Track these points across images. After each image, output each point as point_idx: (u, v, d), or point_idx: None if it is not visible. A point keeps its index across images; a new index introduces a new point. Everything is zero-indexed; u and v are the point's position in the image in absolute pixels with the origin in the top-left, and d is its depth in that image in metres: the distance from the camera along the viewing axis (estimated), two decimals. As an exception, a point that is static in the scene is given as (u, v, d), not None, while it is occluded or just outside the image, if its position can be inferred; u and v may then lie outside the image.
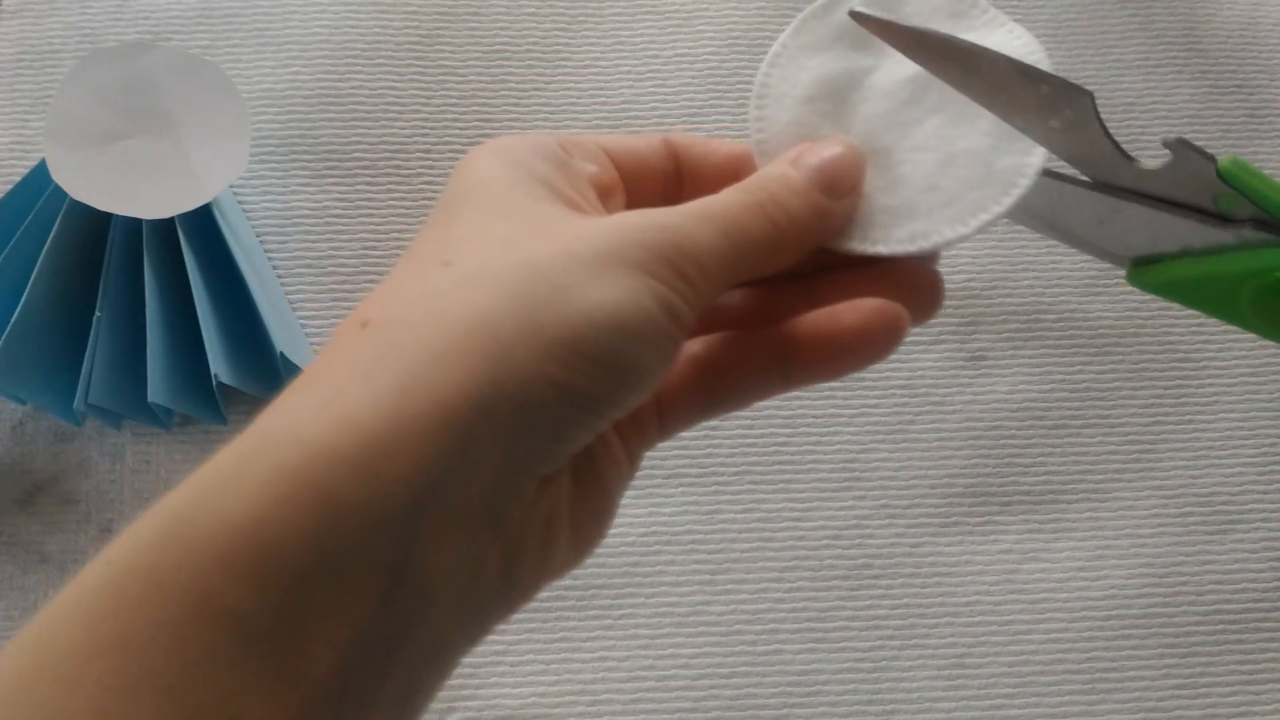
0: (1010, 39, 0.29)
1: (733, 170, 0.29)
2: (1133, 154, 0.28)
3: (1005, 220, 0.29)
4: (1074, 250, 0.48)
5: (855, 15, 0.28)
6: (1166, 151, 0.27)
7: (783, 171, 0.27)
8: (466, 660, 0.44)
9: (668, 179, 0.29)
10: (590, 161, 0.28)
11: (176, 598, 0.19)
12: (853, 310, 0.26)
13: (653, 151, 0.29)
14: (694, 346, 0.27)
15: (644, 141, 0.30)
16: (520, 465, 0.22)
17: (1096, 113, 0.28)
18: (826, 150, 0.28)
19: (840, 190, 0.28)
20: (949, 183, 0.29)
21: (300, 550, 0.20)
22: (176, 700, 0.19)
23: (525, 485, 0.23)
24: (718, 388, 0.27)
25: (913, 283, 0.29)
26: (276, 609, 0.19)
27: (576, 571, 0.46)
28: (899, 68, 0.29)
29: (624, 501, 0.45)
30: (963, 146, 0.29)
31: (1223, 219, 0.27)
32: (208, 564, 0.19)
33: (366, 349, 0.22)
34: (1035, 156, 0.28)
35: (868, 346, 0.26)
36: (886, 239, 0.28)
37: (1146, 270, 0.29)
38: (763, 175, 0.27)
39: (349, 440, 0.20)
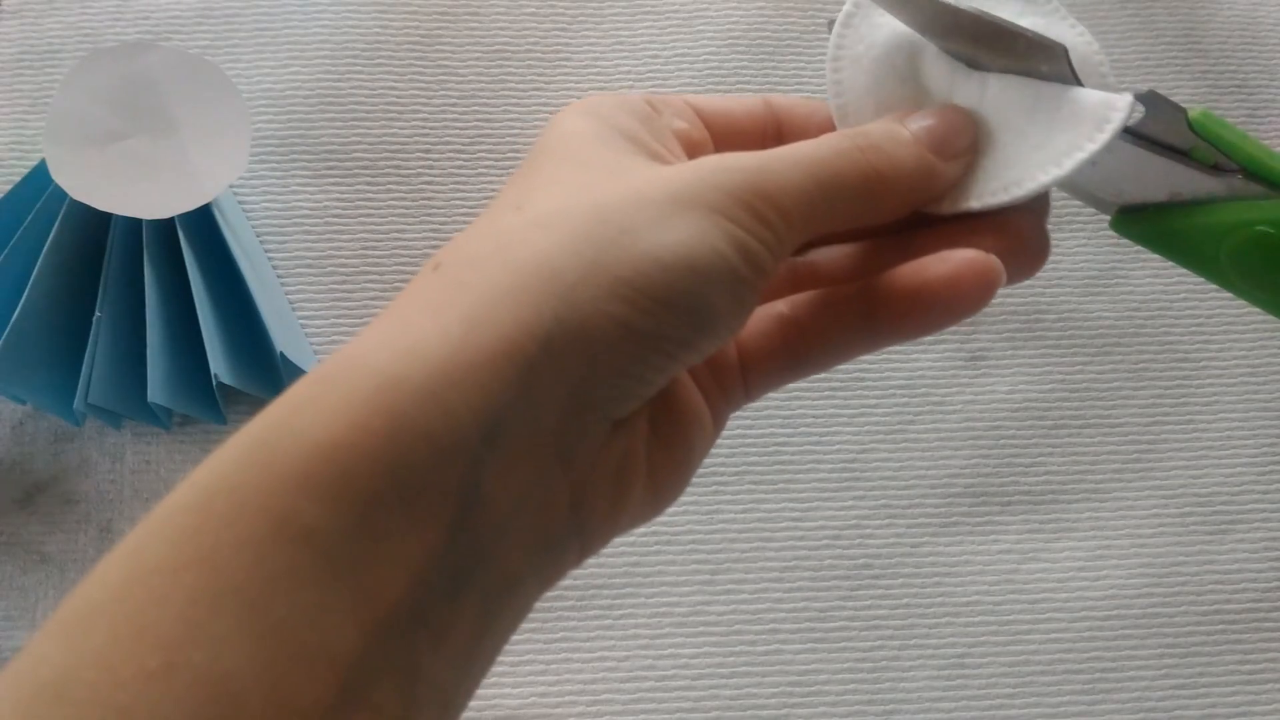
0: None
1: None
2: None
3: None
4: (1072, 250, 0.49)
5: None
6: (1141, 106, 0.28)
7: (889, 125, 0.27)
8: (466, 660, 0.44)
9: (765, 140, 0.29)
10: (679, 118, 0.28)
11: (258, 516, 0.20)
12: (940, 262, 0.26)
13: (747, 112, 0.29)
14: (780, 306, 0.27)
15: (739, 103, 0.29)
16: (587, 403, 0.22)
17: (1072, 67, 0.27)
18: (939, 112, 0.28)
19: (951, 150, 0.27)
20: (1035, 129, 0.28)
21: (372, 474, 0.20)
22: (259, 614, 0.19)
23: (594, 424, 0.23)
24: (803, 348, 0.27)
25: (1014, 233, 0.27)
26: (351, 529, 0.20)
27: (576, 571, 0.46)
28: None
29: (624, 501, 0.45)
30: (1045, 93, 0.28)
31: (1215, 168, 0.27)
32: (286, 484, 0.20)
33: (436, 287, 0.23)
34: (1124, 95, 0.27)
35: (958, 300, 0.26)
36: (979, 194, 0.28)
37: (1131, 219, 0.28)
38: (866, 126, 0.27)
39: (417, 370, 0.21)
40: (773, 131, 0.30)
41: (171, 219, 0.43)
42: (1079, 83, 0.28)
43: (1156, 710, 0.43)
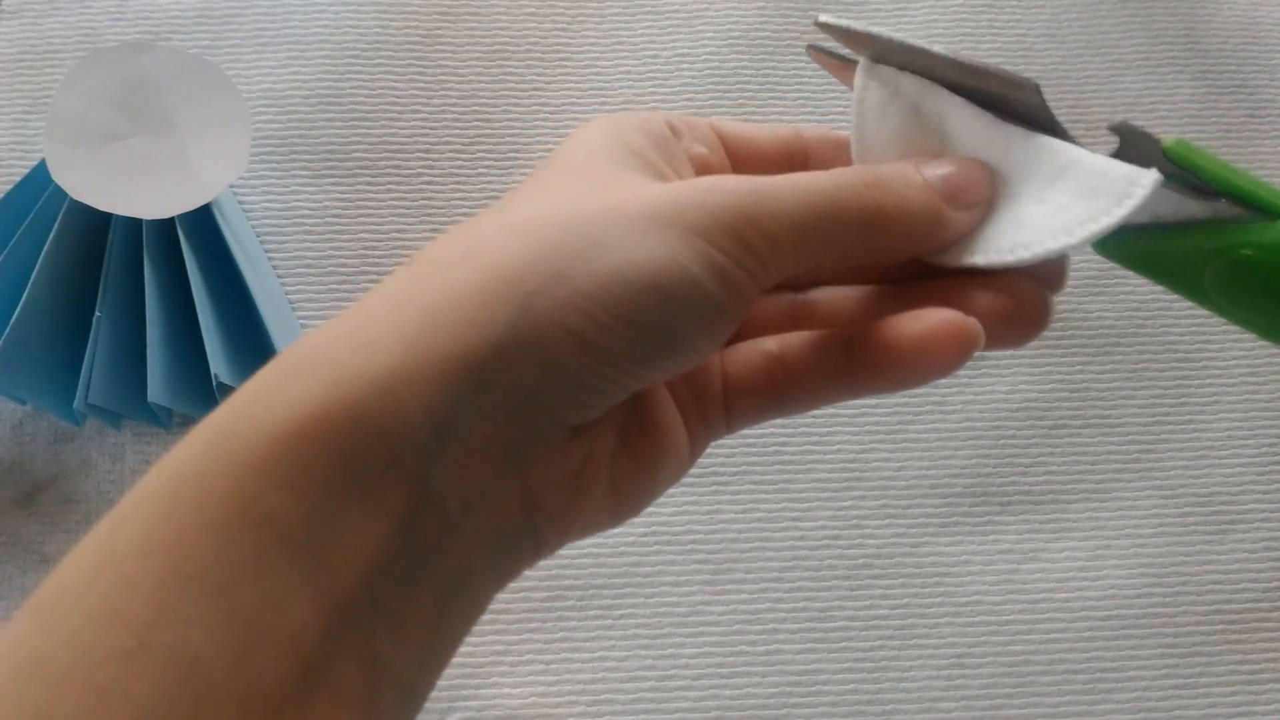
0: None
1: None
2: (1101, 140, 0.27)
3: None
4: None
5: (821, 25, 0.29)
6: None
7: (903, 166, 0.27)
8: (466, 660, 0.44)
9: (790, 170, 0.28)
10: (700, 143, 0.28)
11: (223, 503, 0.20)
12: (915, 320, 0.25)
13: (774, 140, 0.29)
14: (769, 343, 0.27)
15: (766, 131, 0.29)
16: (541, 408, 0.23)
17: (1044, 102, 0.27)
18: (959, 161, 0.27)
19: (965, 201, 0.27)
20: (1054, 193, 0.27)
21: (329, 464, 0.21)
22: (225, 597, 0.20)
23: (548, 428, 0.23)
24: (785, 387, 0.27)
25: (1014, 295, 0.26)
26: (309, 516, 0.21)
27: (576, 571, 0.46)
28: None
29: (624, 501, 0.45)
30: (1070, 156, 0.27)
31: (1199, 190, 0.26)
32: (249, 472, 0.21)
33: (404, 283, 0.23)
34: (1151, 172, 0.26)
35: (927, 362, 0.25)
36: (985, 249, 0.27)
37: (1114, 242, 0.28)
38: (879, 165, 0.27)
39: (374, 364, 0.21)
40: (800, 163, 0.29)
41: (171, 219, 0.43)
42: (1051, 114, 0.27)
43: (1156, 710, 0.43)
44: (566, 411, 0.23)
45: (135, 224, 0.43)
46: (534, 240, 0.23)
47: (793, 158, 0.29)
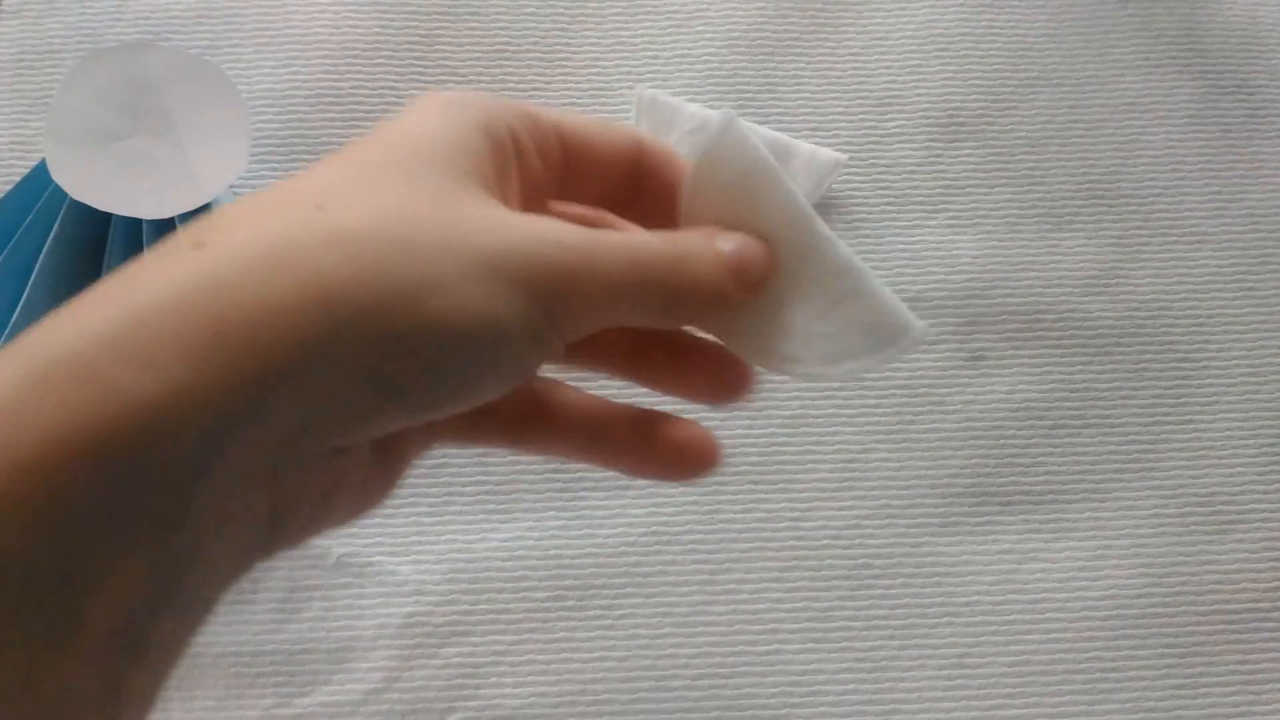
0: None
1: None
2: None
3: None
4: (1072, 250, 0.49)
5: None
6: None
7: (701, 239, 0.27)
8: (467, 660, 0.44)
9: (619, 178, 0.28)
10: (539, 152, 0.27)
11: None
12: (681, 428, 0.28)
13: (611, 151, 0.28)
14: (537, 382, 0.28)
15: (606, 141, 0.28)
16: (313, 434, 0.21)
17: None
18: (748, 242, 0.27)
19: (745, 282, 0.27)
20: (838, 316, 0.29)
21: (85, 497, 0.19)
22: None
23: (311, 451, 0.22)
24: (524, 434, 0.28)
25: (726, 379, 0.29)
26: (58, 557, 0.19)
27: (577, 571, 0.46)
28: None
29: (624, 501, 0.46)
30: (858, 285, 0.29)
31: None
32: None
33: (192, 277, 0.21)
34: (918, 325, 0.28)
35: (677, 464, 0.27)
36: (753, 350, 0.29)
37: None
38: (685, 234, 0.27)
39: (147, 384, 0.19)
40: (634, 177, 0.29)
41: (171, 219, 0.43)
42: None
43: (1156, 710, 0.43)
44: (339, 439, 0.22)
45: (135, 224, 0.43)
46: (359, 262, 0.21)
47: (629, 168, 0.28)
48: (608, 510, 0.44)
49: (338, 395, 0.21)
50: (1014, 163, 0.51)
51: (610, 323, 0.25)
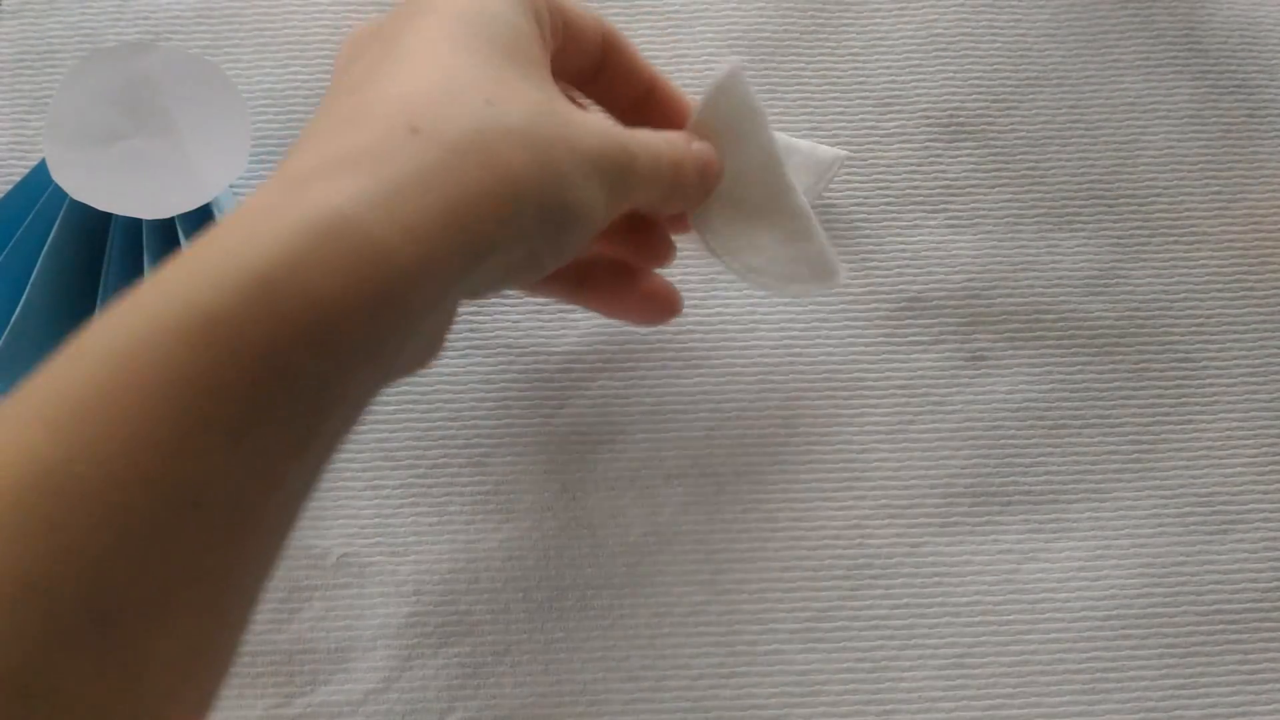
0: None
1: (644, 96, 0.37)
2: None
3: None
4: (1072, 250, 0.49)
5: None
6: None
7: (686, 140, 0.35)
8: (467, 660, 0.44)
9: (593, 58, 0.35)
10: (549, 20, 0.32)
11: (253, 359, 0.22)
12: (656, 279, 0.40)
13: (591, 29, 0.34)
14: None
15: (585, 20, 0.34)
16: (482, 295, 0.30)
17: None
18: (709, 149, 0.36)
19: (706, 180, 0.36)
20: (793, 249, 0.39)
21: (347, 334, 0.23)
22: (236, 442, 0.22)
23: (459, 302, 0.28)
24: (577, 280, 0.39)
25: (652, 305, 0.41)
26: (328, 376, 0.23)
27: (576, 571, 0.46)
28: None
29: (624, 502, 0.46)
30: (809, 229, 0.38)
31: None
32: (289, 334, 0.23)
33: (430, 168, 0.25)
34: (843, 272, 0.40)
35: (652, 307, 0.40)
36: (733, 251, 0.38)
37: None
38: (679, 136, 0.35)
39: (408, 250, 0.24)
40: (598, 55, 0.35)
41: (171, 219, 0.43)
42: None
43: (1156, 710, 0.43)
44: (478, 295, 0.30)
45: (135, 224, 0.43)
46: (529, 155, 0.27)
47: (599, 50, 0.35)
48: (608, 510, 0.45)
49: (511, 266, 0.28)
50: (1014, 163, 0.51)
51: (632, 206, 0.32)
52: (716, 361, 0.47)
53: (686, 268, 0.48)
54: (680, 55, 0.52)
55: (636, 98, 0.37)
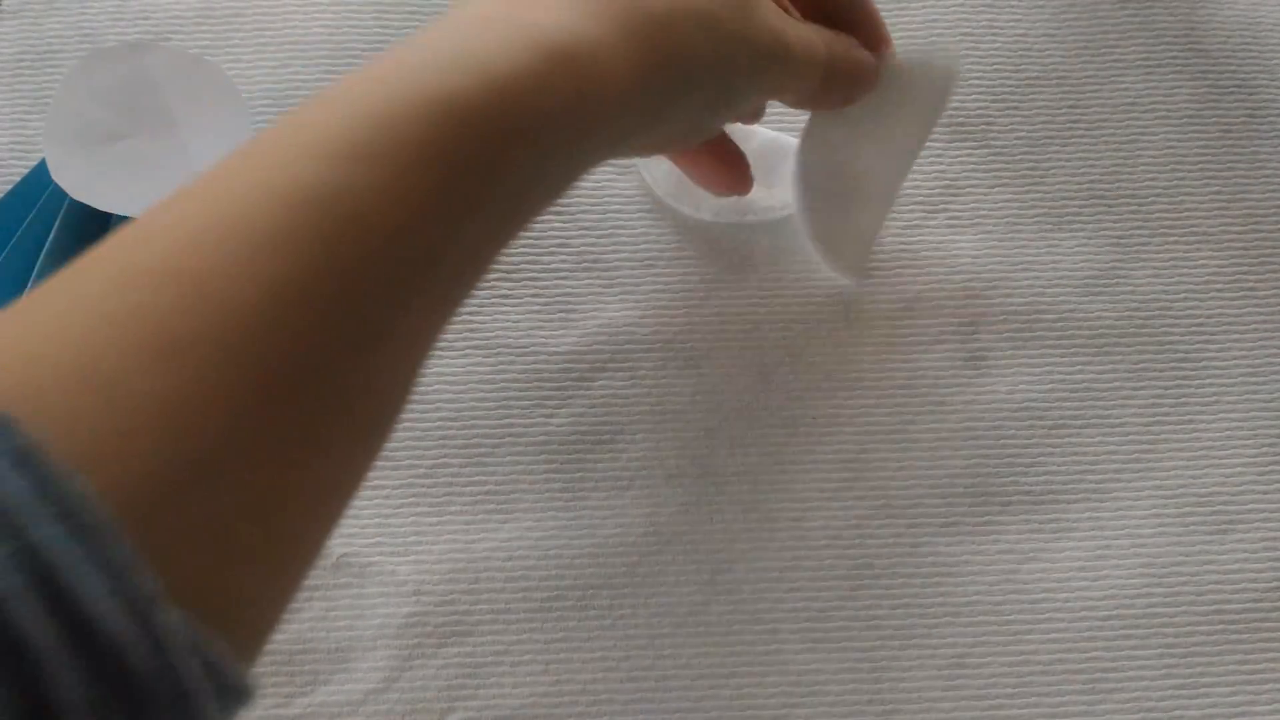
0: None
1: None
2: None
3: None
4: (1072, 250, 0.49)
5: None
6: None
7: (855, 50, 0.39)
8: (467, 660, 0.44)
9: None
10: None
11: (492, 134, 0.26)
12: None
13: None
14: None
15: None
16: (644, 141, 0.36)
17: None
18: (872, 65, 0.40)
19: (854, 84, 0.40)
20: (864, 230, 0.46)
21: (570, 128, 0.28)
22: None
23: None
24: None
25: (733, 176, 0.44)
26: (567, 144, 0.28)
27: (577, 571, 0.46)
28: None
29: (624, 502, 0.46)
30: (880, 225, 0.46)
31: None
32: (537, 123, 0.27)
33: (628, 22, 0.29)
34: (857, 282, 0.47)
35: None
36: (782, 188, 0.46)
37: None
38: (849, 43, 0.39)
39: (621, 65, 0.29)
40: None
41: (171, 219, 0.43)
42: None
43: (1156, 710, 0.43)
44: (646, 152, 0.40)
45: (135, 224, 0.43)
46: (712, 40, 0.31)
47: None
48: (608, 510, 0.45)
49: (673, 129, 0.34)
50: (1014, 163, 0.51)
51: (785, 95, 0.38)
52: (716, 361, 0.47)
53: (687, 268, 0.48)
54: (680, 55, 0.52)
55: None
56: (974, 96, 0.52)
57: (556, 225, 0.49)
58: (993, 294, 0.49)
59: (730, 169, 0.42)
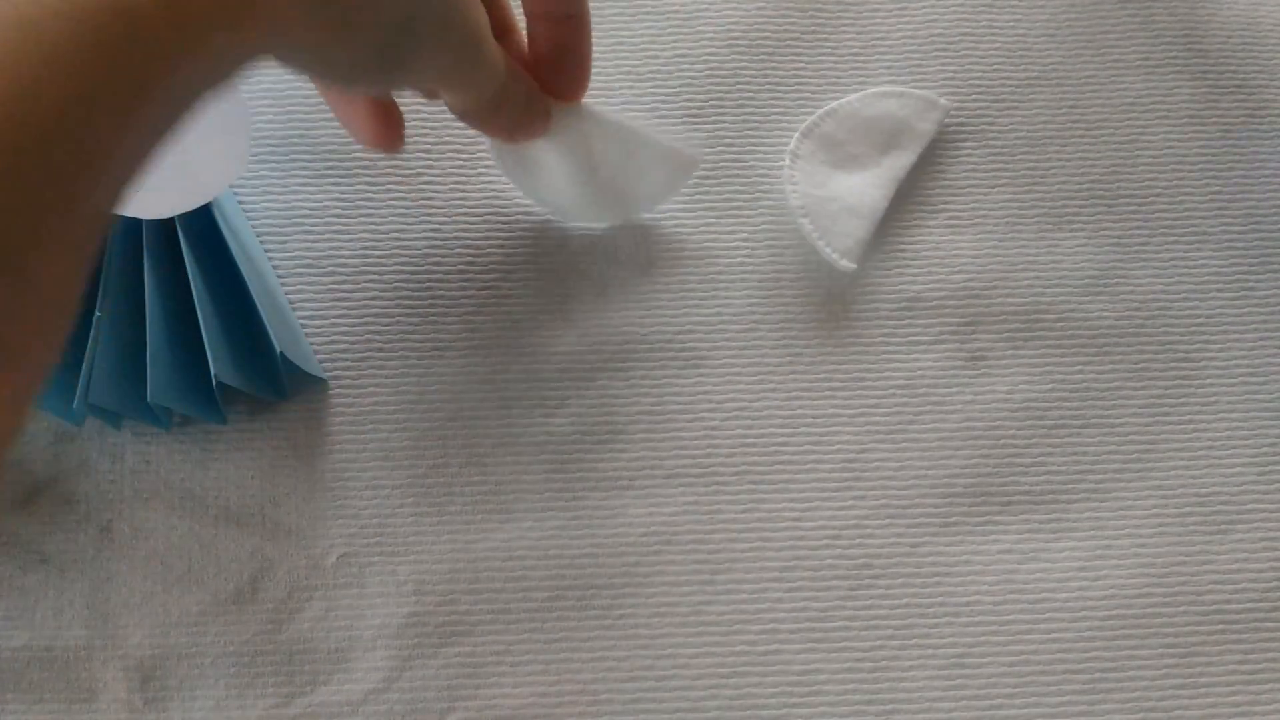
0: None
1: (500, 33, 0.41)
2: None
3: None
4: (1072, 250, 0.49)
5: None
6: None
7: (531, 84, 0.42)
8: (466, 660, 0.44)
9: None
10: None
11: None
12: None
13: None
14: None
15: None
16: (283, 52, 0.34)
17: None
18: (546, 102, 0.43)
19: (529, 106, 0.42)
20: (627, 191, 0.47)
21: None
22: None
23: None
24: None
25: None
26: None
27: (576, 571, 0.46)
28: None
29: (624, 501, 0.46)
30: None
31: None
32: None
33: None
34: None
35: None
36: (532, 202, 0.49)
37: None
38: (525, 76, 0.41)
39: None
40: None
41: (171, 219, 0.43)
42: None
43: (1156, 710, 0.43)
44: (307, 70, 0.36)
45: (135, 224, 0.43)
46: None
47: None
48: (608, 510, 0.45)
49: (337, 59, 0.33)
50: (1014, 163, 0.51)
51: (463, 89, 0.39)
52: (716, 361, 0.47)
53: (687, 268, 0.48)
54: (680, 55, 0.52)
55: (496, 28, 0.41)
56: (974, 96, 0.52)
57: (556, 225, 0.49)
58: (993, 294, 0.49)
59: (379, 122, 0.42)
